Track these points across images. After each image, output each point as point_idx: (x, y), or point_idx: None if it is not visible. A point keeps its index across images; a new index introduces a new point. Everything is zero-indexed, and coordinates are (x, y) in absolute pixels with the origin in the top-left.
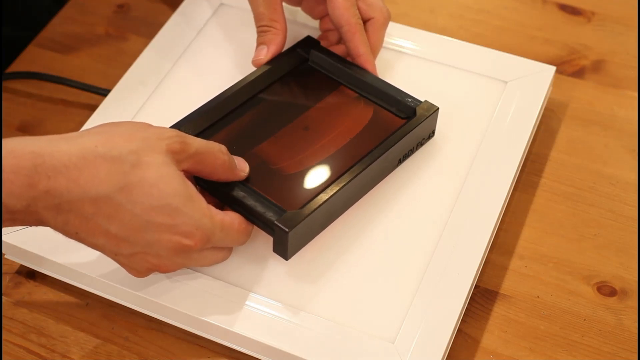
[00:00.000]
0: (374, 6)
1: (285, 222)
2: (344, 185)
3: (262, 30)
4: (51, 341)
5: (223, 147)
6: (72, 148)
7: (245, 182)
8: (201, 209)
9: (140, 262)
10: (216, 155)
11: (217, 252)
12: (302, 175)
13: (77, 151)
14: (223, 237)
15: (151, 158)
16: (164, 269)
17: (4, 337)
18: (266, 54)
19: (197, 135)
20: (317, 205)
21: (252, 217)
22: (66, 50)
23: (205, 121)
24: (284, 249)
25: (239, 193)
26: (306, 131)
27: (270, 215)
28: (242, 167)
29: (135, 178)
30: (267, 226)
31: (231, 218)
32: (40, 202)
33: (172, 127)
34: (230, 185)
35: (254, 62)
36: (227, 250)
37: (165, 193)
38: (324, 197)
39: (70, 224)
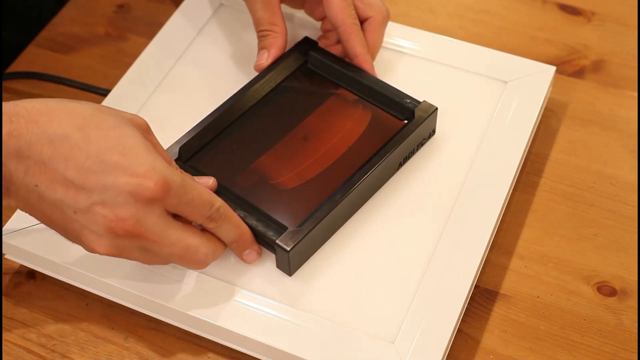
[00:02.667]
0: (372, 5)
1: (286, 241)
2: (345, 197)
3: (262, 34)
4: (51, 341)
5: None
6: (40, 103)
7: (245, 199)
8: (160, 158)
9: (99, 218)
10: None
11: (188, 233)
12: (301, 189)
13: (43, 104)
14: (184, 193)
15: (114, 118)
16: (125, 225)
17: (4, 337)
18: (267, 58)
19: (197, 153)
20: (317, 222)
21: (253, 236)
22: (66, 50)
23: (204, 138)
24: (286, 266)
25: (239, 212)
26: (305, 141)
27: (271, 234)
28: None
29: (94, 122)
30: (269, 245)
31: (197, 180)
32: (5, 149)
33: (171, 146)
34: (231, 203)
35: (255, 67)
36: (203, 240)
37: (123, 135)
38: (324, 211)
39: (30, 174)
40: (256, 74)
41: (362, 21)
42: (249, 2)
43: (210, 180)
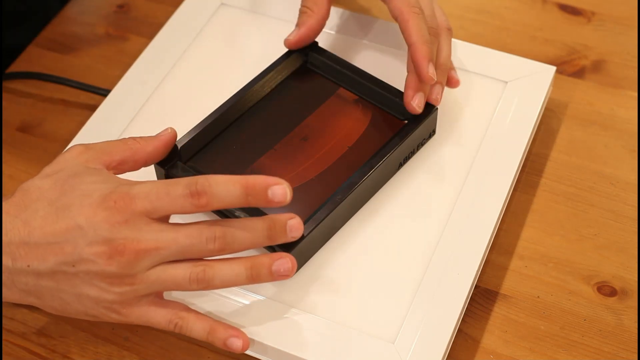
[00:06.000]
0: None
1: (286, 243)
2: (345, 198)
3: (300, 11)
4: (51, 341)
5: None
6: (13, 196)
7: None
8: (108, 177)
9: (94, 258)
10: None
11: (187, 225)
12: (301, 190)
13: (15, 196)
14: (148, 193)
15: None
16: (118, 247)
17: (4, 337)
18: (295, 35)
19: (197, 153)
20: (317, 222)
21: None
22: (66, 50)
23: (204, 138)
24: None
25: (240, 213)
26: (305, 141)
27: None
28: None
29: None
30: (269, 246)
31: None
32: None
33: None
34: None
35: (284, 42)
36: (209, 223)
37: (72, 181)
38: (324, 212)
39: (18, 259)
40: (256, 74)
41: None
42: None
43: (169, 129)
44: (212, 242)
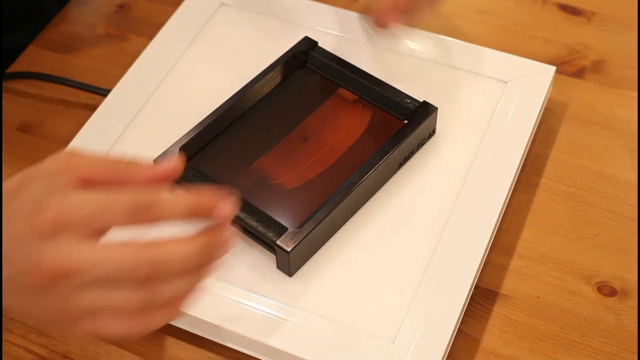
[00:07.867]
0: None
1: (286, 242)
2: (345, 197)
3: None
4: (51, 341)
5: None
6: None
7: (246, 199)
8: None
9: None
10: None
11: (115, 244)
12: (302, 189)
13: None
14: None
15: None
16: (42, 266)
17: (4, 337)
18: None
19: (197, 153)
20: (317, 222)
21: (253, 237)
22: (66, 50)
23: (204, 138)
24: (286, 267)
25: (239, 213)
26: (305, 141)
27: (271, 235)
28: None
29: None
30: (269, 246)
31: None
32: None
33: (171, 147)
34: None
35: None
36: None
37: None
38: (324, 212)
39: None
40: (256, 73)
41: None
42: None
43: (172, 160)
44: (138, 270)
